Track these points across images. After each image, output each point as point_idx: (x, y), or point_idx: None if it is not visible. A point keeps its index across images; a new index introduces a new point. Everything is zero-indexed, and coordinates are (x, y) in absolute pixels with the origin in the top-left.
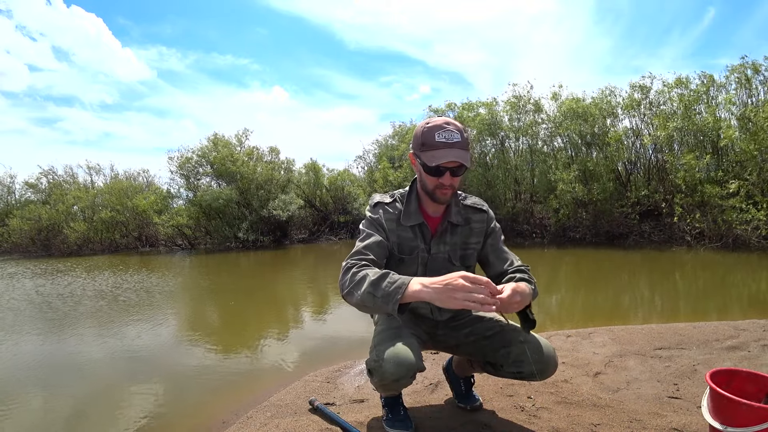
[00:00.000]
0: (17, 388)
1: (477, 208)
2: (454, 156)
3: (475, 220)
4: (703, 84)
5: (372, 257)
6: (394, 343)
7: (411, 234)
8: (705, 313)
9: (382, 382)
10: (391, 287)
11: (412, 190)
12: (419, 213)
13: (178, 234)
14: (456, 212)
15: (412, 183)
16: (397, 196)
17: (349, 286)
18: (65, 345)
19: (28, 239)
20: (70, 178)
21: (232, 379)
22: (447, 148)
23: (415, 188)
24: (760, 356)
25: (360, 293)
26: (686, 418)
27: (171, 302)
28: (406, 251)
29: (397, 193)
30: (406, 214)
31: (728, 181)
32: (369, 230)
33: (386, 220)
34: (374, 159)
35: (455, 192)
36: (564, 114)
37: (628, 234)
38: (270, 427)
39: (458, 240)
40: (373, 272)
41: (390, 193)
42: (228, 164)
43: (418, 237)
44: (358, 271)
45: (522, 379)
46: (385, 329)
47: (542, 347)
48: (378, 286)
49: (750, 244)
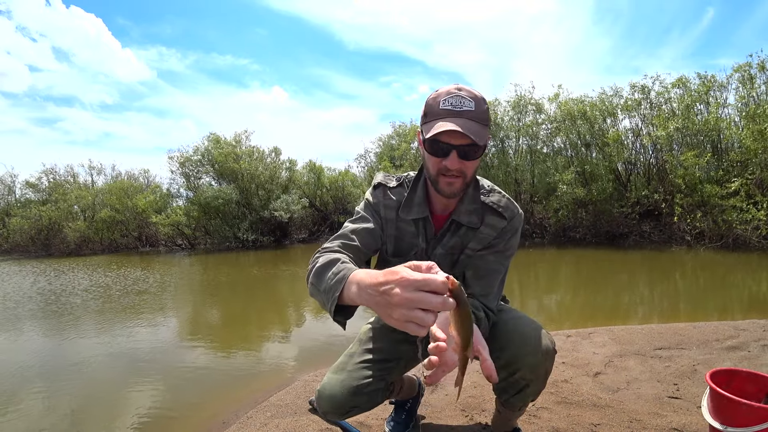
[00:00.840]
0: (17, 387)
1: (496, 209)
2: (459, 125)
3: (487, 223)
4: (703, 84)
5: (356, 244)
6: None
7: (413, 229)
8: (705, 313)
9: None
10: (333, 280)
11: (420, 176)
12: (425, 205)
13: (178, 234)
14: (467, 210)
15: (421, 167)
16: (405, 181)
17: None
18: (65, 344)
19: (28, 239)
20: (71, 178)
21: (232, 379)
22: (453, 117)
23: (423, 174)
24: (760, 356)
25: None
26: (686, 418)
27: (171, 302)
28: (402, 250)
29: (405, 177)
30: (406, 204)
31: (729, 180)
32: (362, 213)
33: (385, 207)
34: (375, 159)
35: (468, 183)
36: (564, 114)
37: (628, 234)
38: (270, 427)
39: (456, 243)
40: (325, 258)
41: (397, 176)
42: (230, 162)
43: (420, 234)
44: (319, 255)
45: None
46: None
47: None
48: (322, 277)
49: (750, 244)
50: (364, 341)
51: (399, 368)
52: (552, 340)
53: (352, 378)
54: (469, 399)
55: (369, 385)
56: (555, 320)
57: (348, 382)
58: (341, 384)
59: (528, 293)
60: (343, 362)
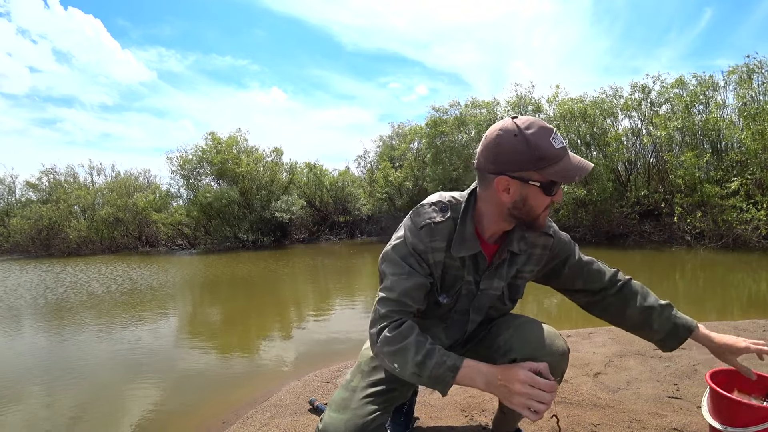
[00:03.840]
0: (17, 387)
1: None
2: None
3: (538, 245)
4: (702, 84)
5: (412, 308)
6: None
7: (458, 263)
8: (705, 313)
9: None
10: (440, 370)
11: (469, 208)
12: (475, 239)
13: (178, 234)
14: (519, 238)
15: (470, 196)
16: (451, 212)
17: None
18: (66, 344)
19: (29, 239)
20: (70, 178)
21: (233, 379)
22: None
23: (472, 204)
24: None
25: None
26: (686, 418)
27: (171, 301)
28: (446, 285)
29: (450, 205)
30: (458, 242)
31: (729, 180)
32: (407, 266)
33: (434, 251)
34: (375, 159)
35: None
36: (563, 114)
37: (628, 234)
38: (270, 427)
39: (513, 271)
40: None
41: (441, 204)
42: (229, 165)
43: (467, 267)
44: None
45: None
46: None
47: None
48: (424, 367)
49: (750, 244)
50: (366, 373)
51: (402, 395)
52: (565, 341)
53: (357, 416)
54: (469, 399)
55: (375, 420)
56: (555, 320)
57: (353, 421)
58: (345, 425)
59: (528, 293)
60: (346, 398)
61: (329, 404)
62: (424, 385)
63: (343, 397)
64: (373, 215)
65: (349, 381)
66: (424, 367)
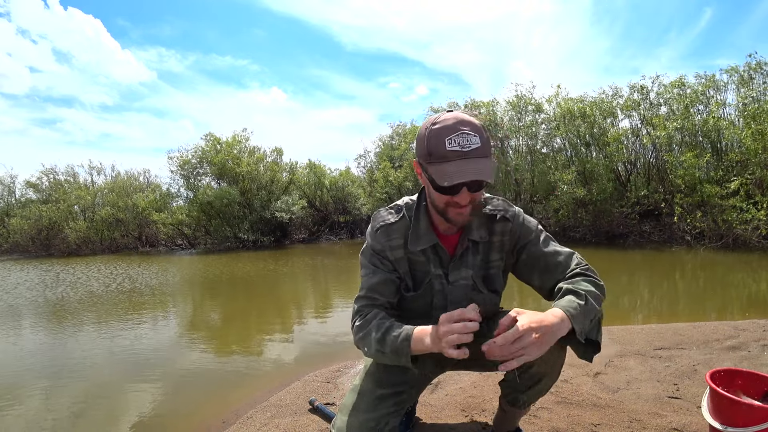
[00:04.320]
0: (17, 387)
1: (496, 216)
2: (473, 173)
3: (496, 232)
4: (702, 84)
5: (381, 300)
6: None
7: (423, 258)
8: (705, 313)
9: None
10: (397, 342)
11: (421, 203)
12: (431, 232)
13: (178, 234)
14: (478, 225)
15: (420, 193)
16: (405, 211)
17: (358, 341)
18: (66, 344)
19: (28, 239)
20: (70, 178)
21: (232, 379)
22: (462, 160)
23: (423, 200)
24: (760, 356)
25: (370, 351)
26: (686, 418)
27: (171, 301)
28: (417, 280)
29: (405, 206)
30: (414, 237)
31: (729, 180)
32: (371, 265)
33: (392, 249)
34: (375, 159)
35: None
36: (563, 114)
37: (628, 234)
38: (270, 427)
39: (480, 260)
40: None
41: (396, 206)
42: (229, 165)
43: (432, 261)
44: (362, 323)
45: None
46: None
47: None
48: (384, 342)
49: (750, 244)
50: (372, 374)
51: (411, 397)
52: None
53: (369, 420)
54: (469, 399)
55: (387, 423)
56: None
57: (366, 425)
58: (359, 428)
59: (527, 293)
60: (357, 402)
61: (340, 409)
62: (390, 362)
63: (354, 402)
64: None
65: (356, 386)
66: (384, 343)
